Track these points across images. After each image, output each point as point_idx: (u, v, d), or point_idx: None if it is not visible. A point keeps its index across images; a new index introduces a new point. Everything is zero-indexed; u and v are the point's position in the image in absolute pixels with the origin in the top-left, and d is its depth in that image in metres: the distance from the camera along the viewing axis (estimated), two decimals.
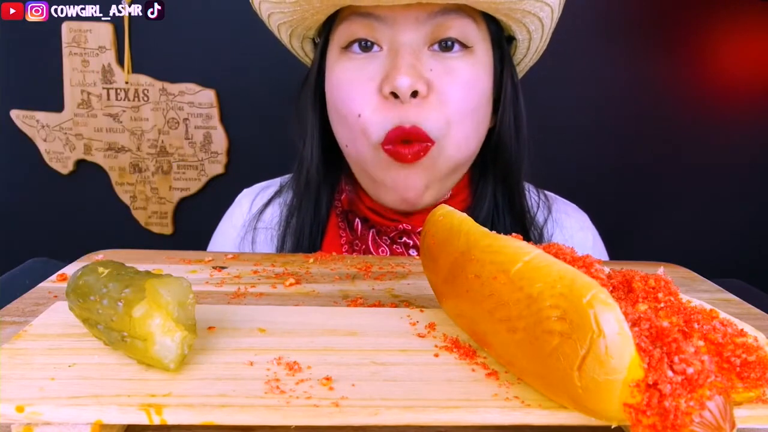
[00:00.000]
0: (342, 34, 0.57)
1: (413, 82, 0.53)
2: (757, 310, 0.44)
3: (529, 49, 0.64)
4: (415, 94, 0.54)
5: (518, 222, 0.64)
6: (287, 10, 0.58)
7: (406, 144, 0.55)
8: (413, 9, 0.54)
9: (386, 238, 0.63)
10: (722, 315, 0.30)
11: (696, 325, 0.28)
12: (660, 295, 0.30)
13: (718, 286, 0.50)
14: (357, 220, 0.65)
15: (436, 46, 0.56)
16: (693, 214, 1.45)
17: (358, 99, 0.56)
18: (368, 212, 0.64)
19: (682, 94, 1.39)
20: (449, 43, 0.56)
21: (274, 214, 0.69)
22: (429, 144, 0.55)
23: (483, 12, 0.57)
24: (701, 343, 0.27)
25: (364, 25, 0.55)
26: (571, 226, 0.69)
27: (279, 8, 0.58)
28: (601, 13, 1.36)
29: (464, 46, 0.56)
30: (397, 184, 0.58)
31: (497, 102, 0.62)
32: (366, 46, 0.56)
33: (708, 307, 0.30)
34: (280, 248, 0.66)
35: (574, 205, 0.73)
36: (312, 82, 0.64)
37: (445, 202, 0.63)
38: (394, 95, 0.54)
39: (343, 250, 0.65)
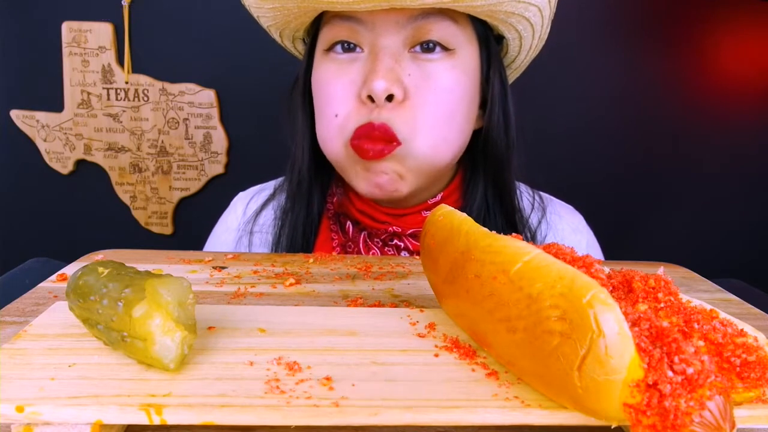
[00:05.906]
0: (325, 36, 0.58)
1: (389, 85, 0.53)
2: (757, 310, 0.44)
3: (522, 47, 0.63)
4: (390, 98, 0.54)
5: (509, 222, 0.64)
6: (269, 15, 0.59)
7: (371, 140, 0.55)
8: (393, 13, 0.54)
9: (378, 240, 0.63)
10: (722, 315, 0.30)
11: (696, 325, 0.28)
12: (660, 295, 0.30)
13: (718, 286, 0.50)
14: (348, 222, 0.65)
15: (417, 48, 0.56)
16: (693, 214, 1.45)
17: (337, 100, 0.57)
18: (358, 215, 0.64)
19: (682, 94, 1.39)
20: (430, 45, 0.55)
21: (269, 217, 0.69)
22: (396, 144, 0.55)
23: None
24: (701, 343, 0.27)
25: (346, 28, 0.56)
26: (563, 228, 0.68)
27: (262, 12, 0.59)
28: (600, 13, 1.36)
29: (445, 49, 0.56)
30: (366, 176, 0.58)
31: (487, 101, 0.62)
32: (348, 47, 0.57)
33: (708, 307, 0.30)
34: (275, 250, 0.66)
35: (569, 207, 0.73)
36: (301, 82, 0.64)
37: (437, 203, 0.63)
38: (371, 99, 0.54)
39: (335, 252, 0.65)
